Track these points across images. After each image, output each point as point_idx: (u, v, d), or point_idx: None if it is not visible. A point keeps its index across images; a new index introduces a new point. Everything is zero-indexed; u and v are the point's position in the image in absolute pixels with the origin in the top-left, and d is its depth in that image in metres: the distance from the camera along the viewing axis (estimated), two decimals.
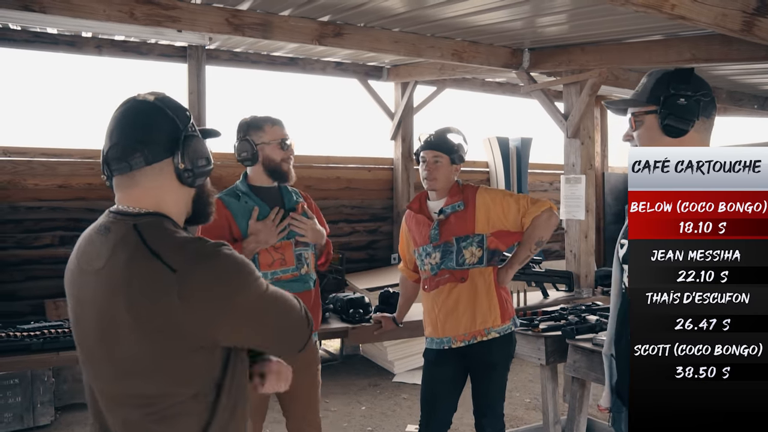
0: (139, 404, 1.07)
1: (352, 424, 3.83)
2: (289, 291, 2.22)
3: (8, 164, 4.42)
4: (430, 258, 2.42)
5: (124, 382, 1.08)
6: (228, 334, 1.08)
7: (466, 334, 2.36)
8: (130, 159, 1.08)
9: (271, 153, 2.19)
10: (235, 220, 2.16)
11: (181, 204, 1.16)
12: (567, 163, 4.34)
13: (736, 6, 2.32)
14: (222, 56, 4.90)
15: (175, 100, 1.16)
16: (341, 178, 5.71)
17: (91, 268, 1.09)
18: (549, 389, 2.87)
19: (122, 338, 1.04)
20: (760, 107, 5.85)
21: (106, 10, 2.93)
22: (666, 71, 1.45)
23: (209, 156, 1.16)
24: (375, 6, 3.34)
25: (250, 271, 1.10)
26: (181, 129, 1.11)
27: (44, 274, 4.52)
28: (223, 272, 1.05)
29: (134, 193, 1.11)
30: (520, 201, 2.36)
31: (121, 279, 1.03)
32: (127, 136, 1.08)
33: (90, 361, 1.14)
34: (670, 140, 1.40)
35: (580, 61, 3.98)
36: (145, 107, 1.11)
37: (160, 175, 1.10)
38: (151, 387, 1.06)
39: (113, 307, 1.04)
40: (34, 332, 2.52)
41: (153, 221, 1.09)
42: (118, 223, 1.09)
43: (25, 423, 3.66)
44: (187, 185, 1.14)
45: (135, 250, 1.04)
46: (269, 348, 1.23)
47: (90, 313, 1.09)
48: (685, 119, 1.38)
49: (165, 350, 1.04)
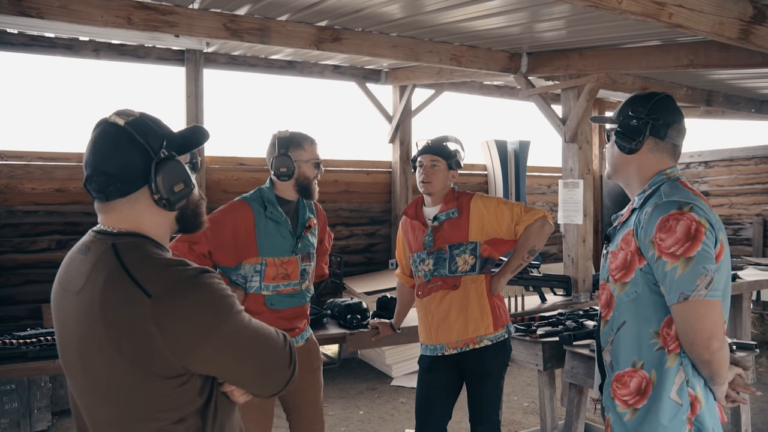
0: (119, 429, 1.05)
1: (350, 428, 3.83)
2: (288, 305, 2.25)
3: (5, 168, 4.42)
4: (424, 264, 2.42)
5: (105, 406, 1.06)
6: (204, 364, 1.04)
7: (458, 341, 2.36)
8: (106, 191, 1.06)
9: (306, 170, 2.22)
10: (256, 228, 2.18)
11: (164, 226, 1.13)
12: (565, 167, 4.34)
13: (733, 14, 2.33)
14: (220, 60, 4.90)
15: (149, 118, 1.11)
16: (339, 181, 5.71)
17: (72, 288, 1.08)
18: (546, 395, 2.87)
19: (101, 361, 1.03)
20: (757, 111, 5.86)
21: (103, 15, 2.93)
22: (636, 95, 1.60)
23: (186, 178, 1.10)
24: (373, 11, 3.34)
25: (231, 303, 1.06)
26: (153, 156, 1.06)
27: (41, 278, 4.51)
28: (202, 301, 1.02)
29: (112, 218, 1.10)
30: (513, 209, 2.35)
31: (99, 302, 1.02)
32: (99, 170, 1.06)
33: (74, 383, 1.12)
34: (625, 156, 1.57)
35: (578, 66, 3.98)
36: (114, 134, 1.07)
37: (136, 203, 1.08)
38: (131, 411, 1.04)
39: (91, 329, 1.03)
40: (31, 339, 2.51)
41: (132, 242, 1.07)
42: (98, 243, 1.08)
43: (22, 428, 3.65)
44: (169, 210, 1.11)
45: (112, 272, 1.03)
46: (246, 385, 1.13)
47: (71, 335, 1.07)
48: (632, 138, 1.54)
49: (141, 375, 1.01)
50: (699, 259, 1.36)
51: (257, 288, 2.18)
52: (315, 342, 2.42)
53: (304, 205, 2.33)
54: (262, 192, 2.25)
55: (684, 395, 1.44)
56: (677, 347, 1.44)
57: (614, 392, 1.55)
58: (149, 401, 1.03)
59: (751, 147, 6.99)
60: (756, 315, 5.94)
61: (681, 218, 1.38)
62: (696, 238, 1.36)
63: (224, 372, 1.09)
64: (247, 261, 2.17)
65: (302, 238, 2.27)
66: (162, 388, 1.02)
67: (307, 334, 2.35)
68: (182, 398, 1.05)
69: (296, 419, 2.33)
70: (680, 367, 1.44)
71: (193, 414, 1.06)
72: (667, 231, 1.38)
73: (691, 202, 1.41)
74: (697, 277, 1.36)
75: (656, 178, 1.53)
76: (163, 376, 1.02)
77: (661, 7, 2.07)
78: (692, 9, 2.16)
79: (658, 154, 1.54)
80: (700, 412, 1.44)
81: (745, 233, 6.89)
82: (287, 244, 2.23)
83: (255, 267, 2.17)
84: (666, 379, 1.44)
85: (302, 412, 2.32)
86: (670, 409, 1.44)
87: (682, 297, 1.37)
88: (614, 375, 1.55)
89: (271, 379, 1.13)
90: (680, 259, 1.37)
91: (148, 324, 0.99)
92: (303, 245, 2.27)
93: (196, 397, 1.06)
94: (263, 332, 1.11)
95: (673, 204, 1.41)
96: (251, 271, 2.18)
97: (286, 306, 2.22)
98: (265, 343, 1.11)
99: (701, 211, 1.40)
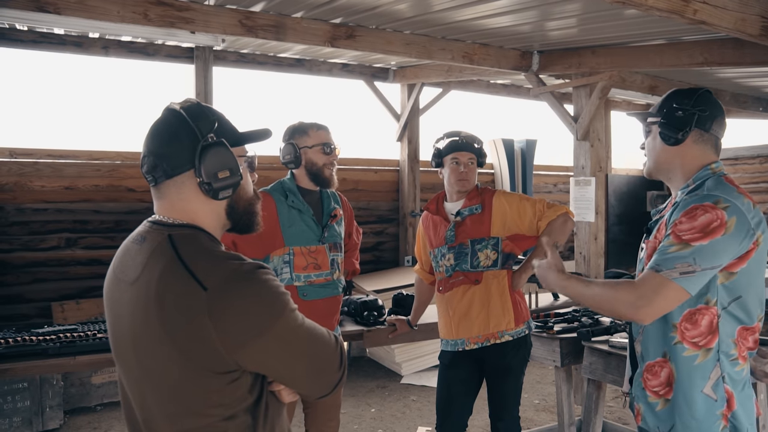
0: (170, 422, 1.05)
1: (362, 426, 3.83)
2: (321, 295, 2.26)
3: (15, 166, 4.39)
4: (445, 259, 2.42)
5: (157, 398, 1.06)
6: (255, 361, 1.03)
7: (479, 336, 2.37)
8: (154, 172, 1.07)
9: (313, 157, 2.21)
10: (279, 217, 2.18)
11: (213, 216, 1.11)
12: (576, 165, 4.34)
13: (755, 11, 2.33)
14: (229, 57, 4.89)
15: (205, 106, 1.11)
16: (348, 179, 5.70)
17: (127, 278, 1.08)
18: (564, 391, 2.87)
19: (154, 351, 1.02)
20: (764, 109, 5.88)
21: (120, 11, 2.92)
22: (677, 90, 1.59)
23: (233, 167, 1.07)
24: (387, 9, 3.33)
25: (286, 301, 1.05)
26: (200, 139, 1.05)
27: (50, 276, 4.49)
28: (257, 297, 1.01)
29: (164, 205, 1.10)
30: (536, 205, 2.36)
31: (155, 293, 1.01)
32: (150, 149, 1.07)
33: (126, 373, 1.11)
34: (669, 148, 1.55)
35: (590, 64, 3.98)
36: (169, 117, 1.08)
37: (182, 187, 1.08)
38: (182, 405, 1.03)
39: (146, 320, 1.02)
40: (50, 336, 2.50)
41: (188, 234, 1.07)
42: (154, 233, 1.08)
43: (34, 427, 3.64)
44: (212, 198, 1.08)
45: (169, 264, 1.02)
46: (296, 386, 1.11)
47: (125, 325, 1.07)
48: (678, 129, 1.51)
49: (193, 368, 1.01)
50: (696, 251, 1.36)
51: (289, 279, 2.18)
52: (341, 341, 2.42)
53: (329, 196, 2.33)
54: (283, 183, 2.26)
55: (720, 391, 1.44)
56: (709, 342, 1.43)
57: (645, 383, 1.55)
58: (200, 395, 1.02)
59: (755, 146, 7.02)
60: None
61: (710, 211, 1.37)
62: (711, 233, 1.36)
63: (275, 370, 1.07)
64: (275, 253, 2.17)
65: (328, 228, 2.26)
66: (213, 383, 1.01)
67: (336, 332, 2.36)
68: (233, 395, 1.04)
69: (312, 414, 2.34)
70: (717, 363, 1.44)
71: (243, 412, 1.05)
72: (691, 217, 1.39)
73: (730, 200, 1.39)
74: (681, 262, 1.36)
75: (701, 172, 1.51)
76: (214, 371, 1.01)
77: (686, 4, 2.07)
78: (716, 6, 2.17)
79: (703, 146, 1.53)
80: (737, 409, 1.43)
81: None
82: (312, 233, 2.22)
83: (283, 258, 2.17)
84: (696, 373, 1.45)
85: (319, 408, 2.33)
86: (703, 403, 1.44)
87: (657, 268, 1.39)
88: (645, 365, 1.56)
89: (321, 380, 1.11)
90: (682, 242, 1.38)
91: (203, 317, 0.98)
92: (330, 235, 2.27)
93: (246, 395, 1.05)
94: (316, 332, 1.10)
95: (711, 197, 1.41)
96: (280, 263, 2.18)
97: (319, 296, 2.22)
98: (317, 343, 1.09)
99: (737, 211, 1.38)
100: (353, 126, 7.19)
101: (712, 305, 1.42)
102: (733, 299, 1.42)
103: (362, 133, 6.88)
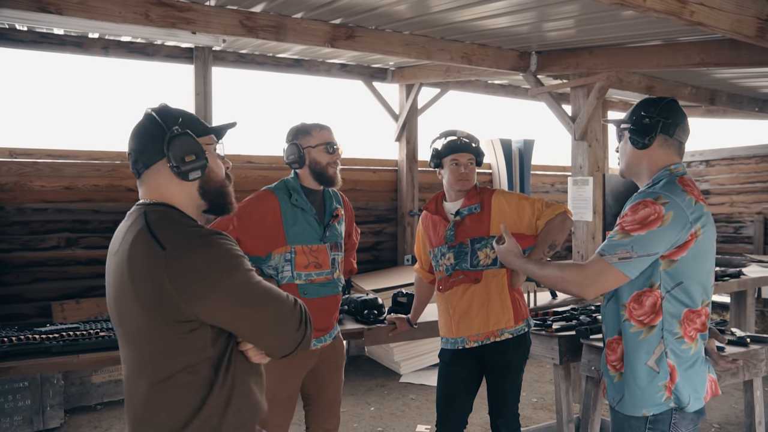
0: (143, 374, 1.19)
1: (362, 424, 3.85)
2: (321, 294, 2.28)
3: (14, 165, 4.40)
4: (445, 258, 2.44)
5: (133, 353, 1.21)
6: (210, 313, 1.15)
7: (479, 334, 2.39)
8: (136, 166, 1.28)
9: (317, 156, 2.23)
10: (282, 215, 2.19)
11: (185, 197, 1.27)
12: (574, 165, 4.37)
13: (751, 12, 2.36)
14: (228, 57, 4.90)
15: (171, 108, 1.29)
16: (346, 179, 5.72)
17: (113, 250, 1.26)
18: (562, 388, 2.89)
19: (128, 309, 1.18)
20: (760, 109, 5.92)
21: (121, 12, 2.93)
22: (646, 99, 1.78)
23: (199, 152, 1.24)
24: (386, 10, 3.36)
25: (240, 262, 1.18)
26: (166, 132, 1.23)
27: (50, 276, 4.50)
28: (211, 255, 1.15)
29: (145, 190, 1.28)
30: (534, 204, 2.38)
31: (127, 257, 1.18)
32: (132, 147, 1.28)
33: (119, 339, 1.27)
34: (638, 151, 1.73)
35: (588, 65, 4.01)
36: (143, 119, 1.28)
37: (158, 174, 1.26)
38: (150, 357, 1.18)
39: (122, 283, 1.19)
40: (53, 334, 2.51)
41: (160, 210, 1.24)
42: (135, 212, 1.26)
43: (35, 426, 3.65)
44: (183, 179, 1.24)
45: (139, 232, 1.19)
46: (255, 341, 1.23)
47: (110, 292, 1.25)
48: (645, 134, 1.70)
49: (159, 319, 1.14)
50: (634, 241, 1.55)
51: (290, 278, 2.20)
52: (341, 340, 2.44)
53: (331, 195, 2.35)
54: (287, 182, 2.28)
55: (663, 365, 1.62)
56: (653, 321, 1.61)
57: (606, 357, 1.76)
58: (165, 343, 1.16)
59: (751, 146, 7.06)
60: (757, 312, 6.00)
61: (650, 206, 1.56)
62: (648, 225, 1.54)
63: (231, 323, 1.19)
64: (277, 251, 2.19)
65: (330, 227, 2.28)
66: (175, 330, 1.15)
67: (336, 331, 2.37)
68: (194, 344, 1.16)
69: (314, 411, 2.36)
70: (661, 340, 1.62)
71: (205, 365, 1.17)
72: (634, 211, 1.58)
73: (670, 197, 1.56)
74: (621, 249, 1.55)
75: (661, 173, 1.69)
76: (175, 320, 1.14)
77: (683, 5, 2.10)
78: (713, 7, 2.20)
79: (667, 150, 1.70)
80: (678, 381, 1.61)
81: (746, 231, 6.96)
82: (315, 232, 2.24)
83: (285, 256, 2.19)
84: (641, 347, 1.63)
85: (320, 405, 2.34)
86: (646, 374, 1.62)
87: (601, 253, 1.59)
88: (606, 342, 1.77)
89: (280, 337, 1.22)
90: (624, 232, 1.57)
91: (161, 273, 1.12)
92: (331, 234, 2.29)
93: (209, 347, 1.18)
94: (272, 292, 1.21)
95: (653, 194, 1.59)
96: (281, 261, 2.19)
97: (320, 295, 2.24)
98: (272, 301, 1.20)
99: (675, 207, 1.55)
100: (352, 126, 7.21)
101: (656, 288, 1.61)
102: (676, 284, 1.60)
103: (361, 133, 6.91)
